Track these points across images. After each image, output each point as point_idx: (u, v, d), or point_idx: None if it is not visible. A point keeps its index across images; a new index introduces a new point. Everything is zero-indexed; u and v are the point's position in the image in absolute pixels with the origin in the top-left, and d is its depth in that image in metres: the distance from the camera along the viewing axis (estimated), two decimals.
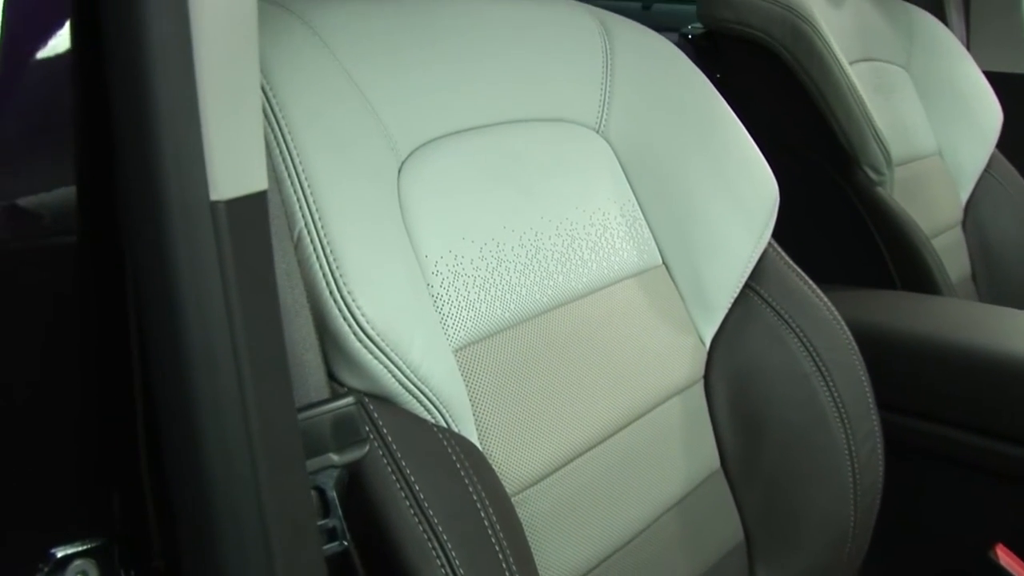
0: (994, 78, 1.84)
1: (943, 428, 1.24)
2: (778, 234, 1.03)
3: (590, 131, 0.96)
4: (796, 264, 1.03)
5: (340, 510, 0.62)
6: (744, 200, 0.99)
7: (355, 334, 0.66)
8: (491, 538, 0.68)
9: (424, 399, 0.70)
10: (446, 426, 0.72)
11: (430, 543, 0.65)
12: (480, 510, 0.68)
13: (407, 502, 0.65)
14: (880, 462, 1.01)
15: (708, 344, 0.99)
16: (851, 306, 1.12)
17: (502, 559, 0.68)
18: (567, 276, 0.87)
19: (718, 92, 1.04)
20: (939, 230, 1.67)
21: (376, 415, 0.67)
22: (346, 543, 0.62)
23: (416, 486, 0.66)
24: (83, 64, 0.52)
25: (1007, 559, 1.18)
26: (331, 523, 0.62)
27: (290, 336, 0.63)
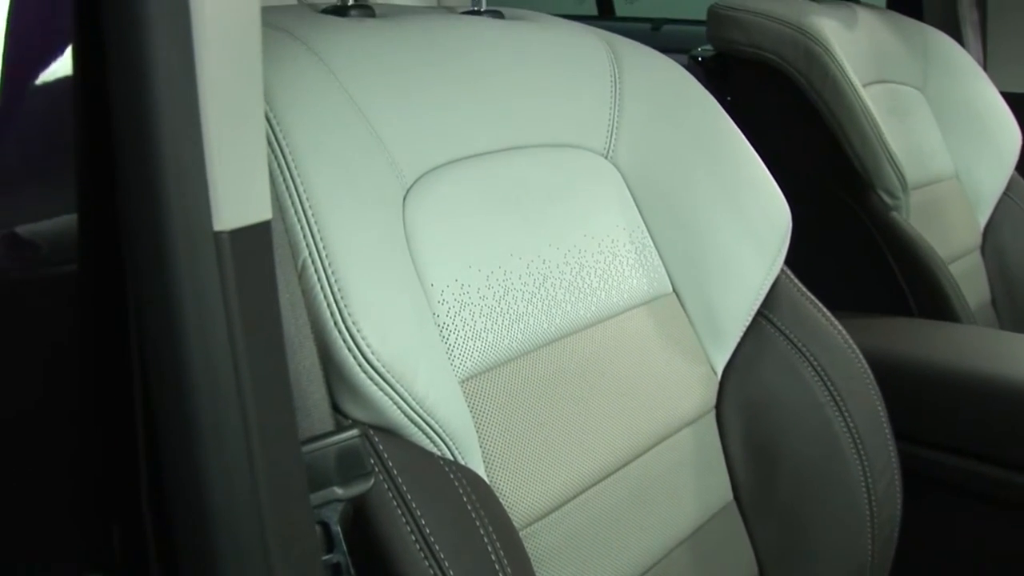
0: (1012, 99, 1.84)
1: (963, 460, 1.24)
2: (791, 260, 1.03)
3: (598, 156, 0.97)
4: (809, 291, 1.04)
5: (344, 545, 0.63)
6: (756, 226, 1.00)
7: (360, 365, 0.66)
8: (498, 573, 0.68)
9: (430, 431, 0.70)
10: (452, 459, 0.72)
11: None
12: (487, 544, 0.69)
13: (412, 536, 0.66)
14: (898, 495, 1.01)
15: (720, 373, 0.99)
16: (866, 334, 1.12)
17: None
18: (575, 305, 0.88)
19: (729, 116, 1.05)
20: (957, 255, 1.67)
21: (381, 448, 0.67)
22: None
23: (422, 520, 0.66)
24: (85, 91, 0.52)
25: None
26: (335, 558, 0.62)
27: (294, 367, 0.64)
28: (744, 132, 1.05)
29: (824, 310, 1.03)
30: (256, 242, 0.52)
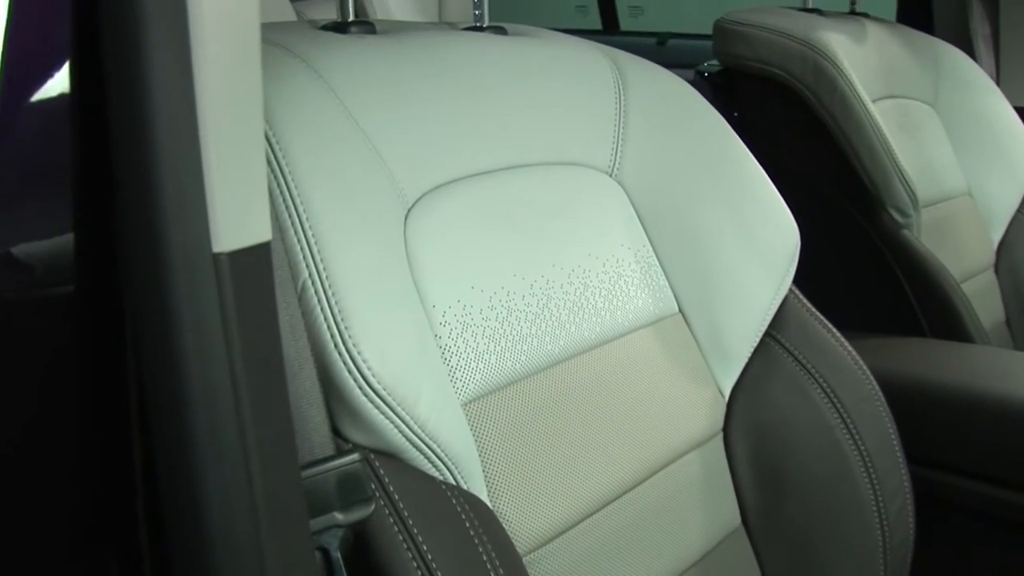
0: None
1: (978, 483, 1.24)
2: (799, 280, 1.03)
3: (603, 175, 0.97)
4: (818, 311, 1.04)
5: (345, 571, 0.63)
6: (763, 245, 1.00)
7: (361, 388, 0.67)
8: None
9: (432, 455, 0.71)
10: (455, 483, 0.73)
11: None
12: (490, 571, 0.69)
13: (414, 563, 0.66)
14: (911, 519, 1.01)
15: (727, 395, 1.00)
16: (877, 355, 1.13)
17: None
18: (580, 326, 0.88)
19: (735, 132, 1.06)
20: (970, 274, 1.67)
21: (382, 472, 0.67)
22: None
23: (424, 546, 0.66)
24: (83, 107, 0.53)
25: None
26: None
27: (293, 390, 0.64)
28: (751, 149, 1.06)
29: (833, 330, 1.03)
30: (256, 263, 0.53)
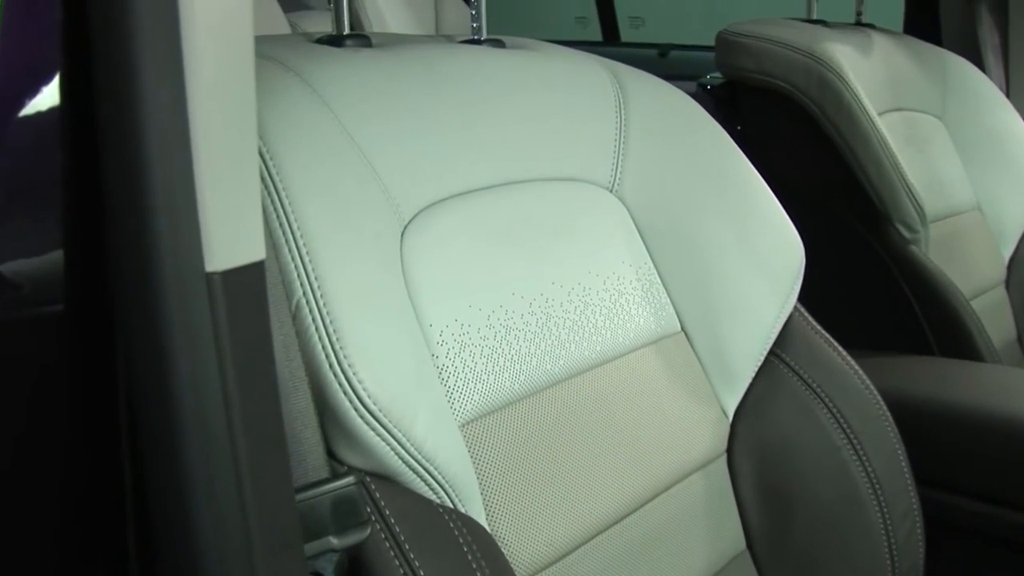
0: None
1: (989, 506, 1.24)
2: (804, 297, 1.04)
3: (603, 190, 0.98)
4: (824, 329, 1.05)
5: None
6: (767, 261, 1.01)
7: (356, 410, 0.67)
8: None
9: (429, 478, 0.71)
10: (452, 506, 0.73)
11: None
12: None
13: None
14: (920, 543, 1.01)
15: (731, 416, 1.00)
16: (884, 374, 1.13)
17: None
18: (580, 345, 0.88)
19: (738, 146, 1.06)
20: (980, 290, 1.67)
21: (378, 495, 0.68)
22: None
23: (420, 571, 0.66)
24: (73, 123, 0.53)
25: None
26: None
27: (287, 412, 0.64)
28: (754, 163, 1.06)
29: (839, 349, 1.03)
30: (249, 283, 0.53)
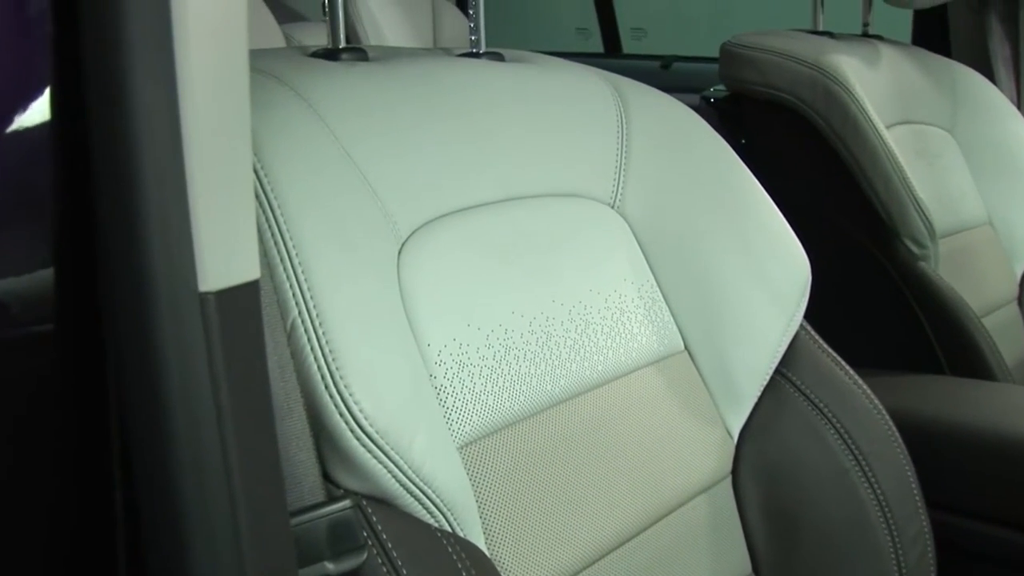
0: None
1: (1003, 530, 1.24)
2: (810, 315, 1.04)
3: (604, 207, 0.98)
4: (831, 347, 1.05)
5: None
6: (773, 278, 1.01)
7: (352, 432, 0.67)
8: None
9: (427, 501, 0.71)
10: (451, 530, 0.73)
11: None
12: None
13: None
14: (932, 567, 1.01)
15: (736, 437, 1.00)
16: (893, 393, 1.13)
17: None
18: (581, 365, 0.89)
19: (742, 160, 1.07)
20: (992, 307, 1.67)
21: (375, 519, 0.68)
22: None
23: None
24: (64, 139, 0.53)
25: None
26: None
27: (283, 434, 0.64)
28: (759, 178, 1.07)
29: (847, 368, 1.04)
30: (244, 303, 0.53)
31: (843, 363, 1.04)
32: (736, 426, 1.00)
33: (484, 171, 0.88)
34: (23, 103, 0.52)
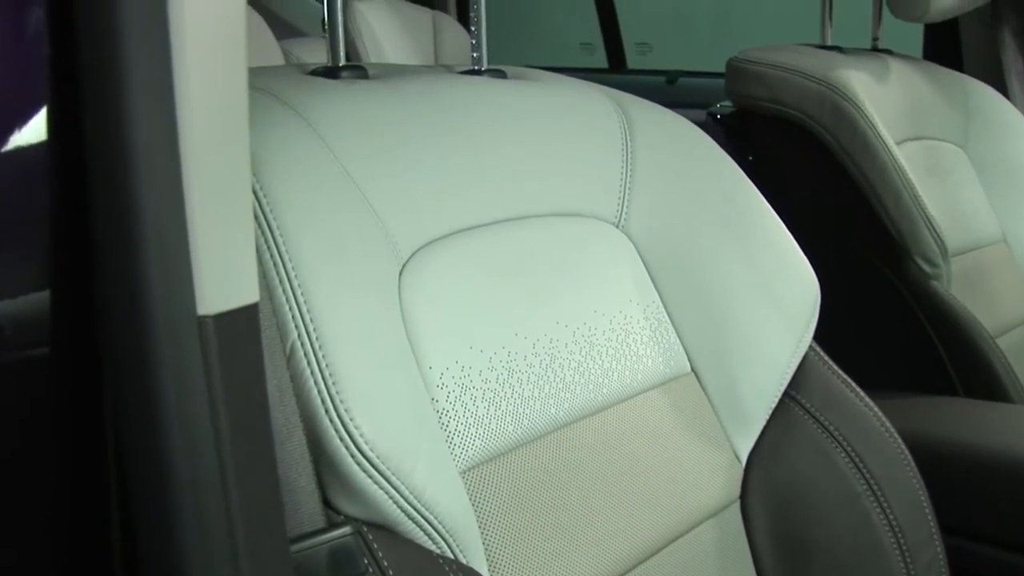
0: None
1: (1016, 556, 1.23)
2: (820, 335, 1.04)
3: (609, 226, 0.99)
4: (841, 369, 1.05)
5: None
6: (781, 298, 1.01)
7: (353, 457, 0.67)
8: None
9: (429, 527, 0.71)
10: (453, 556, 0.73)
11: None
12: None
13: None
14: None
15: (744, 461, 1.00)
16: (905, 416, 1.13)
17: None
18: (586, 387, 0.89)
19: (749, 177, 1.07)
20: (1006, 327, 1.67)
21: (376, 546, 0.68)
22: None
23: None
24: (61, 159, 0.53)
25: None
26: None
27: (282, 459, 0.65)
28: (767, 195, 1.07)
29: (858, 390, 1.04)
30: (243, 326, 0.54)
31: (853, 385, 1.04)
32: (744, 450, 1.00)
33: (486, 190, 0.89)
34: (20, 123, 0.53)
